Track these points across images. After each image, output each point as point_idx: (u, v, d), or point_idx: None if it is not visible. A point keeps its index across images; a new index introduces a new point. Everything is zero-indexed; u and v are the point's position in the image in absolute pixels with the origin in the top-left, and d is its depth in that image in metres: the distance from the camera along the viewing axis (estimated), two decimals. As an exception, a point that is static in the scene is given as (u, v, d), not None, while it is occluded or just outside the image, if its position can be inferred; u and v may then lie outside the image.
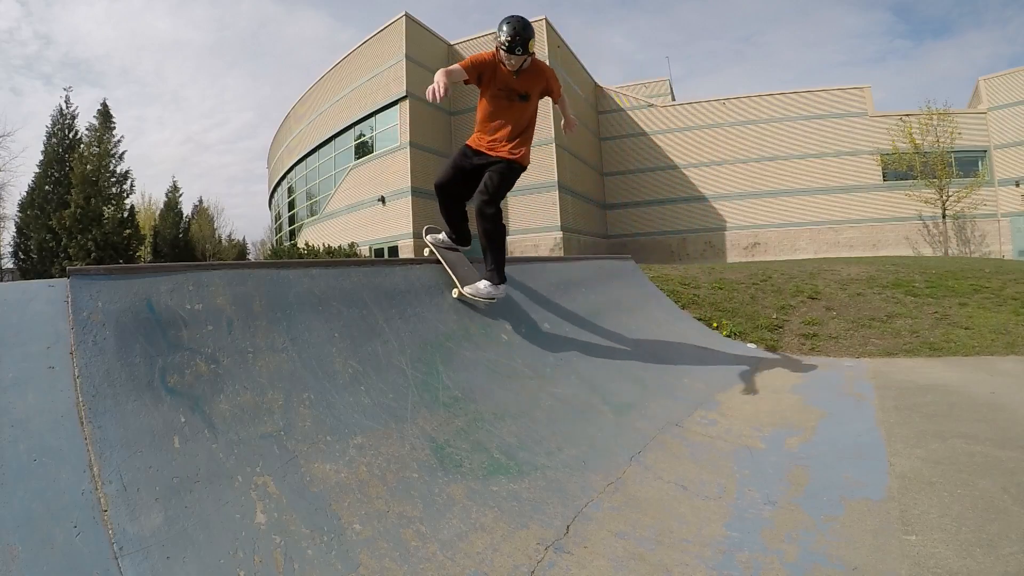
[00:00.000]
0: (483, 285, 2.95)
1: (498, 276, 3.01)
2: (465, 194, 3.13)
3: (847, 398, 3.33)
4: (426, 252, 3.38)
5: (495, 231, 2.97)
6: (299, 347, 2.07)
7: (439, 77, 2.61)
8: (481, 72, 2.91)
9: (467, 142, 3.12)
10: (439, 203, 3.22)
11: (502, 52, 2.80)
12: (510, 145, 2.98)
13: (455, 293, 2.99)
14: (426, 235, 3.40)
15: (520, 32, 2.74)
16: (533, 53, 2.86)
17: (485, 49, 2.96)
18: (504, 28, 2.76)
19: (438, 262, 3.20)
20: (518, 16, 2.77)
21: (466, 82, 2.88)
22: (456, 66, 2.84)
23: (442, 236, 3.35)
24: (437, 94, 2.55)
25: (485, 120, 3.03)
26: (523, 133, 3.05)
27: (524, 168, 3.08)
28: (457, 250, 3.34)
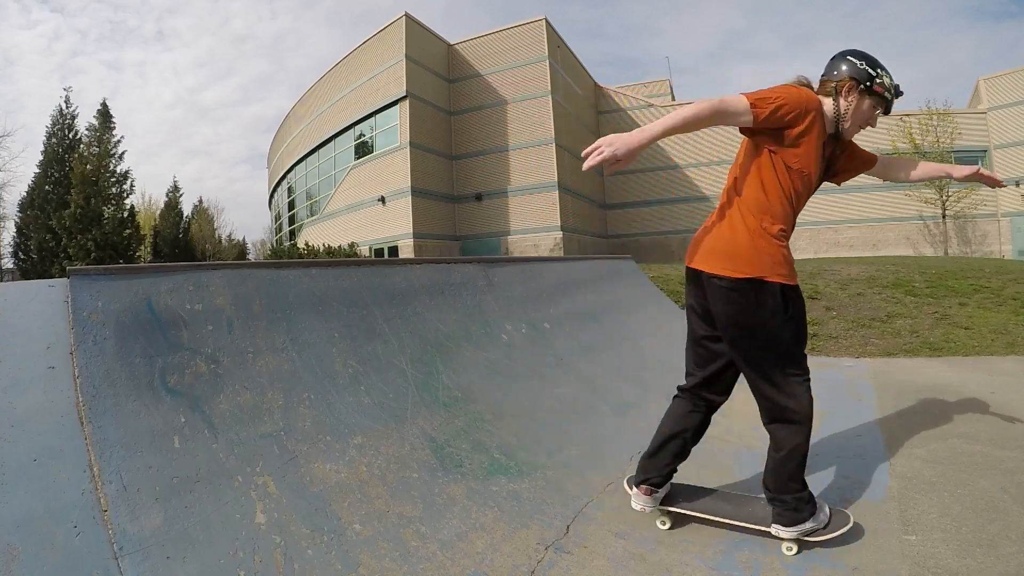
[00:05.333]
0: (810, 523, 1.66)
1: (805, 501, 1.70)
2: None
3: (847, 398, 3.33)
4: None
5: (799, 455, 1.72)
6: (299, 347, 2.06)
7: (634, 140, 1.45)
8: (798, 116, 1.54)
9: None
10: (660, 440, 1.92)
11: (868, 102, 1.64)
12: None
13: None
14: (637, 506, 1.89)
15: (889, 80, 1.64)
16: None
17: (487, 50, 2.68)
18: (880, 71, 1.62)
19: None
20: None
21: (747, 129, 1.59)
22: (731, 99, 1.51)
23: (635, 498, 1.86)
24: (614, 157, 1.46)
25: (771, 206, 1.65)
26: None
27: None
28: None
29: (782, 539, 1.65)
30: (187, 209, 39.61)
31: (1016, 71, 21.06)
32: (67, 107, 26.47)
